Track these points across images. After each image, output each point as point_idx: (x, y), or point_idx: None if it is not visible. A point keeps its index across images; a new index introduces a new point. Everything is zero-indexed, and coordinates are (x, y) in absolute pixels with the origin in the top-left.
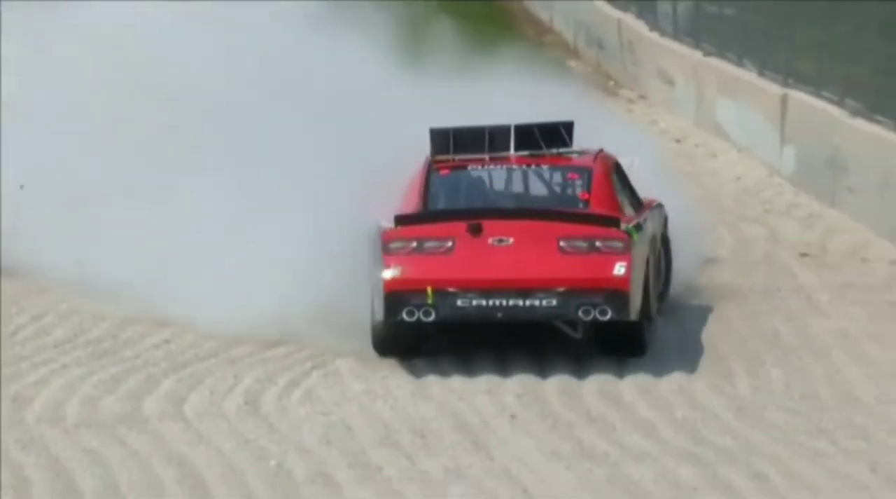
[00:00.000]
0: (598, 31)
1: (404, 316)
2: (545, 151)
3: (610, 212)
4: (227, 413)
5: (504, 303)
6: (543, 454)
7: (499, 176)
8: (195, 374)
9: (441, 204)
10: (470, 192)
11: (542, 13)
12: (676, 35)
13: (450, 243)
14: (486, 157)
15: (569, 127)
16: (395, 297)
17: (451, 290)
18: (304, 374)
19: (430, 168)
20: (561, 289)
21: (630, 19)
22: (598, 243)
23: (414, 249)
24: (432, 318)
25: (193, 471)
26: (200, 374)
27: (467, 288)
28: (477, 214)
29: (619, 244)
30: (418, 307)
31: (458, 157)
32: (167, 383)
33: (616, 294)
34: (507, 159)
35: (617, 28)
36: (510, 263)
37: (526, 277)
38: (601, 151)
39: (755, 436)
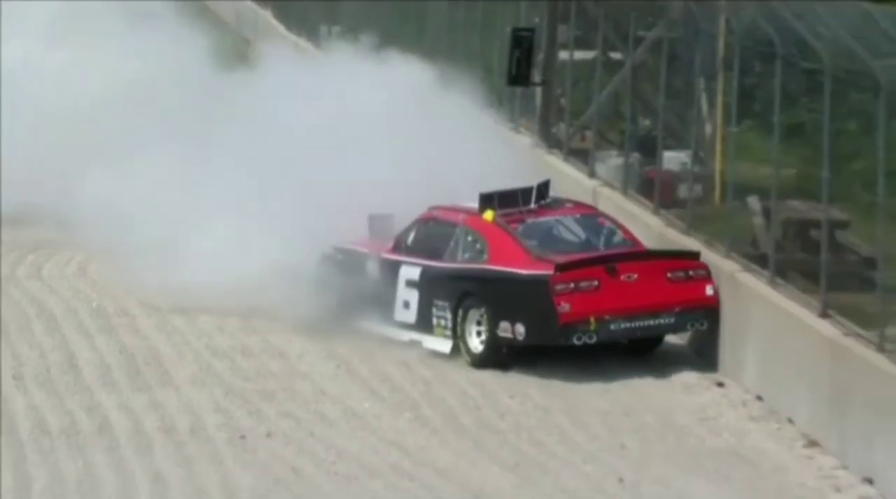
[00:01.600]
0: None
1: (574, 341)
2: (547, 202)
3: (640, 245)
4: (67, 275)
5: (641, 324)
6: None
7: (558, 225)
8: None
9: (536, 248)
10: (549, 237)
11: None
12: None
13: (595, 283)
14: (521, 210)
15: (548, 183)
16: (569, 327)
17: (606, 317)
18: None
19: (502, 223)
20: (677, 310)
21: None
22: (690, 273)
23: (573, 289)
24: (593, 340)
25: (47, 309)
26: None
27: (616, 315)
28: (608, 259)
29: (704, 272)
30: (584, 333)
31: (500, 210)
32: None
33: (710, 309)
34: (537, 212)
35: (256, 17)
36: (640, 293)
37: (653, 302)
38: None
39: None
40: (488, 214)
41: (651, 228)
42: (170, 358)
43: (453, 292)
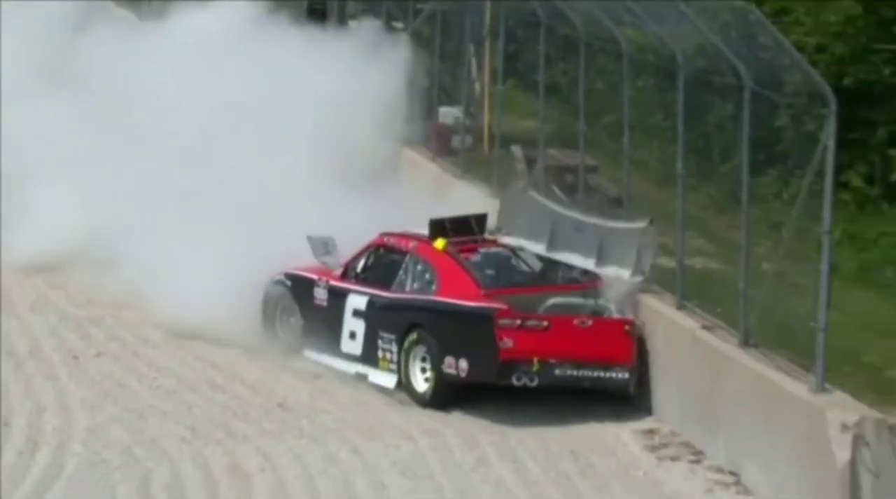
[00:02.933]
0: None
1: (513, 380)
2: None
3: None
4: None
5: (591, 374)
6: None
7: (513, 256)
8: None
9: (486, 280)
10: (503, 269)
11: None
12: None
13: (545, 323)
14: (475, 239)
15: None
16: (509, 365)
17: (552, 361)
18: None
19: (452, 252)
20: (629, 366)
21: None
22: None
23: (520, 326)
24: (535, 383)
25: None
26: None
27: (564, 360)
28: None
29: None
30: (525, 373)
31: (454, 239)
32: None
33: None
34: (487, 242)
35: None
36: (595, 343)
37: (608, 356)
38: None
39: None
40: (439, 242)
41: (430, 174)
42: (10, 288)
43: (400, 324)
